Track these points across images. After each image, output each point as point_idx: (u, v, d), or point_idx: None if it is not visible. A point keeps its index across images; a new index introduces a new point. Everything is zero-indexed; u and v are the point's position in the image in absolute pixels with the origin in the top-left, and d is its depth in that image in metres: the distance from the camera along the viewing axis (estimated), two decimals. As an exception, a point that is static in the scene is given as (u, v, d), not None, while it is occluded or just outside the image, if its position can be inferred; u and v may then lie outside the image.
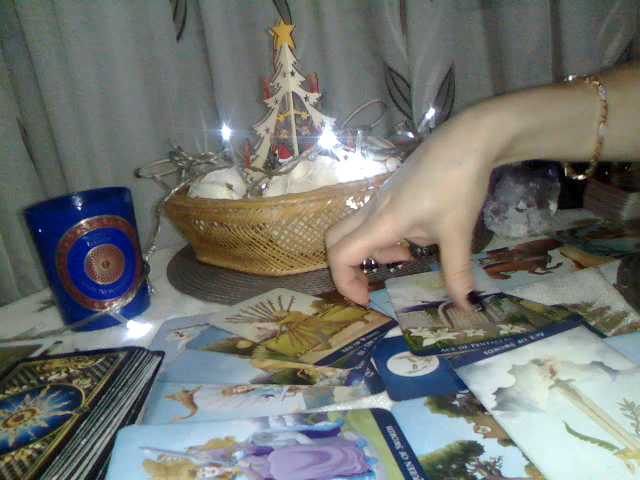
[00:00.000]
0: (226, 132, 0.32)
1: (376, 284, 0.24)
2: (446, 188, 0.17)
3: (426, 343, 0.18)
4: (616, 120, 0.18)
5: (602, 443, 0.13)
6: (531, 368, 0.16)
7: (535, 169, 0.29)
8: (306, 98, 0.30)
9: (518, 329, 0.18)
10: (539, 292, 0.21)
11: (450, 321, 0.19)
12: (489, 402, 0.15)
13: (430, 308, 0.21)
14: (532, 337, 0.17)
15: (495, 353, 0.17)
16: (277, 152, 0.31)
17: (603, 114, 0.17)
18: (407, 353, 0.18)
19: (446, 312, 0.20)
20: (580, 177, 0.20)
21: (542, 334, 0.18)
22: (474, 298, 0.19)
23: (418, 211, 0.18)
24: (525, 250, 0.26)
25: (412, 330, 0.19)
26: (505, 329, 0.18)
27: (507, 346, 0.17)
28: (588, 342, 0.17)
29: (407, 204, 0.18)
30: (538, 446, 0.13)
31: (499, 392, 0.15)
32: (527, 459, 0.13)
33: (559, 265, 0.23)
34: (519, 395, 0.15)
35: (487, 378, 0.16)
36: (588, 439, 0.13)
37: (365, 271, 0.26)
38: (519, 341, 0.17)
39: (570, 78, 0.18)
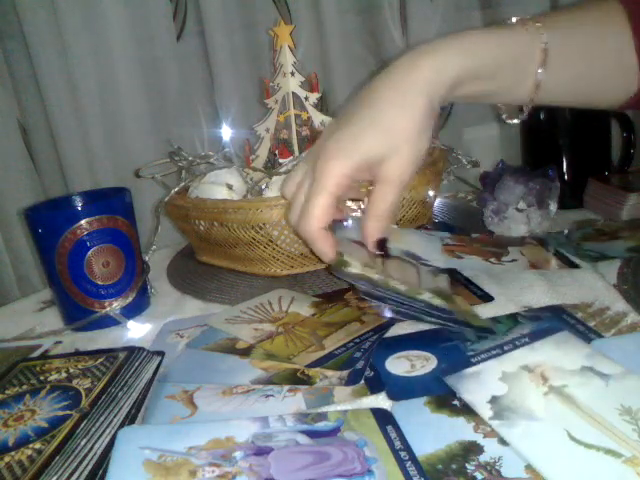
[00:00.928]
0: (226, 132, 0.32)
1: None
2: (391, 129, 0.17)
3: (349, 269, 0.19)
4: (555, 64, 0.17)
5: (608, 451, 0.13)
6: (522, 375, 0.16)
7: (535, 169, 0.29)
8: (306, 98, 0.30)
9: (437, 302, 0.18)
10: (538, 292, 0.21)
11: (383, 265, 0.19)
12: (485, 411, 0.15)
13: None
14: (517, 343, 0.17)
15: (482, 360, 0.17)
16: (277, 152, 0.31)
17: (542, 57, 0.17)
18: (405, 353, 0.18)
19: (384, 260, 0.20)
20: (515, 121, 0.20)
21: (527, 339, 0.18)
22: (382, 243, 0.18)
23: (362, 152, 0.17)
24: (487, 241, 0.26)
25: (345, 255, 0.19)
26: (425, 296, 0.18)
27: (494, 353, 0.17)
28: (575, 347, 0.17)
29: (356, 148, 0.17)
30: (543, 456, 0.13)
31: (493, 401, 0.15)
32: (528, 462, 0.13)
33: (514, 261, 0.23)
34: (514, 403, 0.15)
35: (479, 386, 0.16)
36: (593, 447, 0.13)
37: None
38: (505, 347, 0.17)
39: (513, 19, 0.18)
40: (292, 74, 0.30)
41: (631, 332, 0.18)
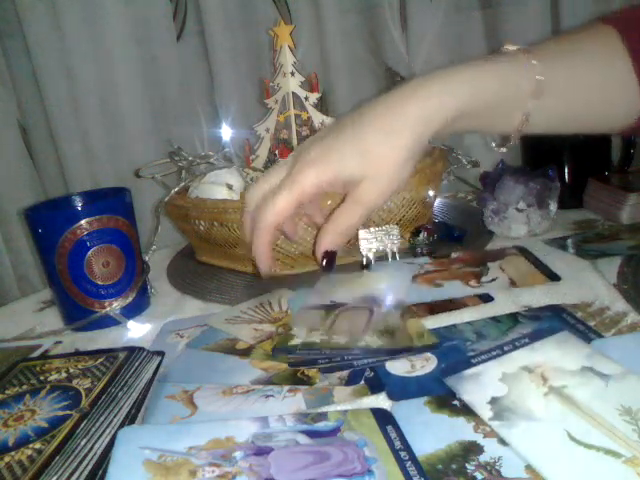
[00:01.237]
0: (226, 132, 0.32)
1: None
2: (376, 156, 0.17)
3: (290, 342, 0.19)
4: (550, 96, 0.17)
5: (608, 451, 0.12)
6: (522, 375, 0.16)
7: (535, 169, 0.29)
8: (306, 98, 0.30)
9: (376, 344, 0.18)
10: (539, 293, 0.21)
11: (332, 324, 0.20)
12: (485, 412, 0.15)
13: (329, 309, 0.21)
14: (517, 343, 0.17)
15: (482, 361, 0.17)
16: (277, 152, 0.31)
17: (536, 89, 0.17)
18: (404, 353, 0.18)
19: (338, 315, 0.20)
20: (503, 150, 0.19)
21: (527, 340, 0.18)
22: (330, 257, 0.18)
23: (342, 170, 0.17)
24: (467, 259, 0.25)
25: (293, 328, 0.20)
26: (363, 342, 0.19)
27: (494, 353, 0.17)
28: (575, 347, 0.17)
29: (334, 161, 0.17)
30: (543, 456, 0.13)
31: (493, 402, 0.15)
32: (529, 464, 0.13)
33: (494, 280, 0.23)
34: (514, 404, 0.15)
35: (478, 387, 0.16)
36: (593, 447, 0.13)
37: (364, 271, 0.26)
38: (505, 348, 0.17)
39: (509, 48, 0.18)
40: (292, 74, 0.30)
41: (631, 332, 0.18)
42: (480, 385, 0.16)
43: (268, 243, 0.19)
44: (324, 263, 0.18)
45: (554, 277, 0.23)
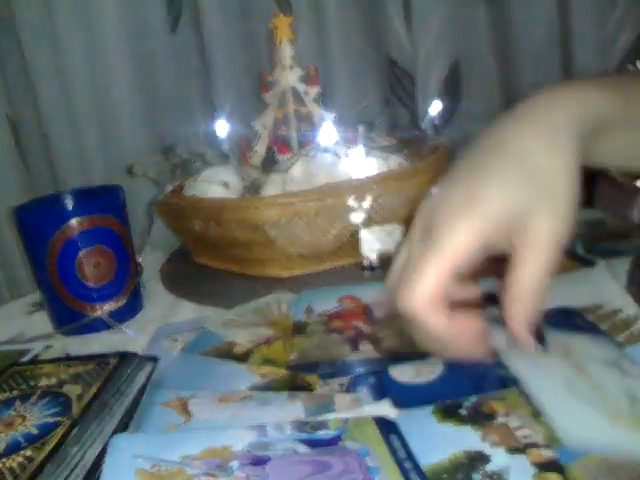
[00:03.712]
0: (223, 128, 0.31)
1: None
2: (539, 172, 0.12)
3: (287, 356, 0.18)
4: None
5: (595, 404, 0.12)
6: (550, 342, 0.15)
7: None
8: (306, 93, 0.29)
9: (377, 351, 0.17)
10: (548, 294, 0.21)
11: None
12: (500, 343, 0.13)
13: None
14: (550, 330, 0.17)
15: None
16: (276, 149, 0.30)
17: None
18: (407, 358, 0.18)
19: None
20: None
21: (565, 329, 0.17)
22: (538, 333, 0.13)
23: (501, 205, 0.12)
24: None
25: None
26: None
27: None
28: (609, 348, 0.17)
29: (490, 196, 0.12)
30: (545, 389, 0.13)
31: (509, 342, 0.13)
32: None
33: None
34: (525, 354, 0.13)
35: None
36: (582, 397, 0.13)
37: (366, 272, 0.24)
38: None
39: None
40: (291, 67, 0.29)
41: (643, 336, 0.18)
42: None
43: (445, 327, 0.13)
44: (535, 342, 0.13)
45: (587, 262, 0.22)
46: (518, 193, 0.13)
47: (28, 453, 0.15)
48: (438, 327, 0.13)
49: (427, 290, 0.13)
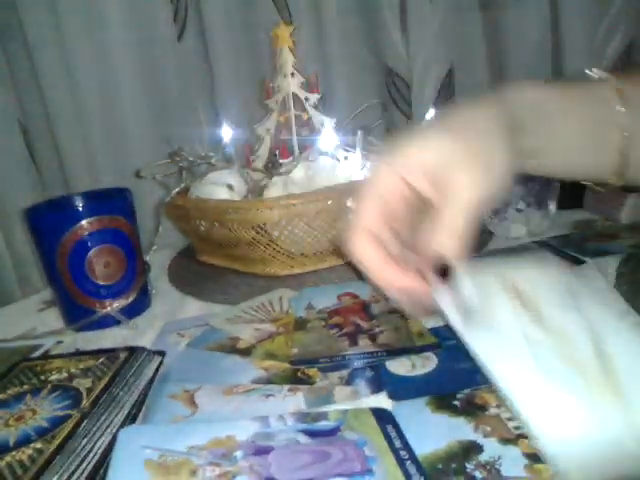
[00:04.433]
0: (227, 132, 0.32)
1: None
2: (471, 143, 0.14)
3: (289, 351, 0.18)
4: None
5: (555, 348, 0.12)
6: (494, 283, 0.15)
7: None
8: (306, 99, 0.30)
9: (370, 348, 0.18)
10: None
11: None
12: (455, 320, 0.14)
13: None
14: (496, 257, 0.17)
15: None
16: (278, 152, 0.31)
17: (625, 125, 0.14)
18: (405, 353, 0.18)
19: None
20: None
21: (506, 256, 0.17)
22: (444, 269, 0.14)
23: (426, 156, 0.14)
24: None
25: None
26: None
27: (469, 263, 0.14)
28: (556, 276, 0.15)
29: (411, 149, 0.14)
30: (500, 360, 0.13)
31: (464, 310, 0.14)
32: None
33: None
34: (483, 310, 0.14)
35: (454, 297, 0.14)
36: (542, 345, 0.12)
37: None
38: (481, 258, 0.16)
39: (592, 73, 0.16)
40: (292, 75, 0.30)
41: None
42: (455, 295, 0.14)
43: (379, 268, 0.14)
44: (439, 277, 0.14)
45: (579, 262, 0.23)
46: (440, 150, 0.14)
47: (38, 445, 0.15)
48: (371, 262, 0.15)
49: (360, 223, 0.15)
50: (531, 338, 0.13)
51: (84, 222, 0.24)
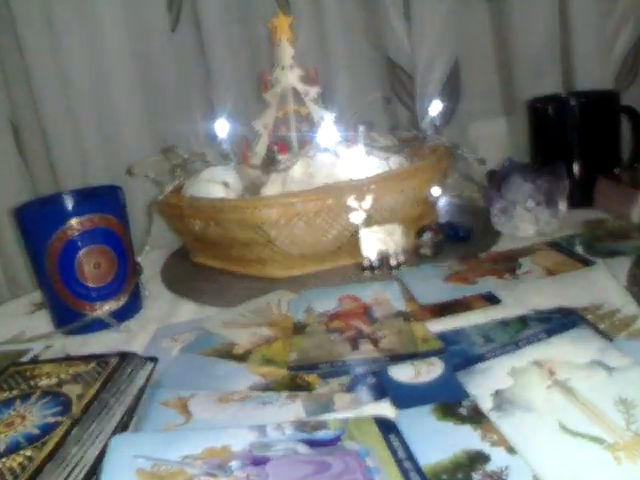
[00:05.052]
0: (223, 128, 0.31)
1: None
2: None
3: (287, 357, 0.18)
4: None
5: (593, 438, 0.13)
6: (530, 369, 0.16)
7: (543, 166, 0.28)
8: (306, 93, 0.29)
9: (375, 355, 0.18)
10: (547, 295, 0.21)
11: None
12: (486, 404, 0.15)
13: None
14: (532, 339, 0.18)
15: (495, 356, 0.17)
16: (276, 149, 0.30)
17: None
18: (408, 359, 0.18)
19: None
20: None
21: (544, 335, 0.18)
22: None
23: None
24: (497, 258, 0.25)
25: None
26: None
27: (508, 348, 0.17)
28: (590, 341, 0.17)
29: None
30: (531, 444, 0.13)
31: (496, 394, 0.15)
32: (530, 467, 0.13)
33: (528, 272, 0.23)
34: (515, 396, 0.15)
35: (485, 381, 0.16)
36: (579, 435, 0.13)
37: (367, 272, 0.25)
38: (519, 343, 0.18)
39: None
40: (291, 67, 0.29)
41: (642, 336, 0.18)
42: (487, 379, 0.16)
43: None
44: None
45: (588, 262, 0.23)
46: None
47: (28, 453, 0.15)
48: None
49: None
50: (565, 422, 0.13)
51: (74, 221, 0.23)
